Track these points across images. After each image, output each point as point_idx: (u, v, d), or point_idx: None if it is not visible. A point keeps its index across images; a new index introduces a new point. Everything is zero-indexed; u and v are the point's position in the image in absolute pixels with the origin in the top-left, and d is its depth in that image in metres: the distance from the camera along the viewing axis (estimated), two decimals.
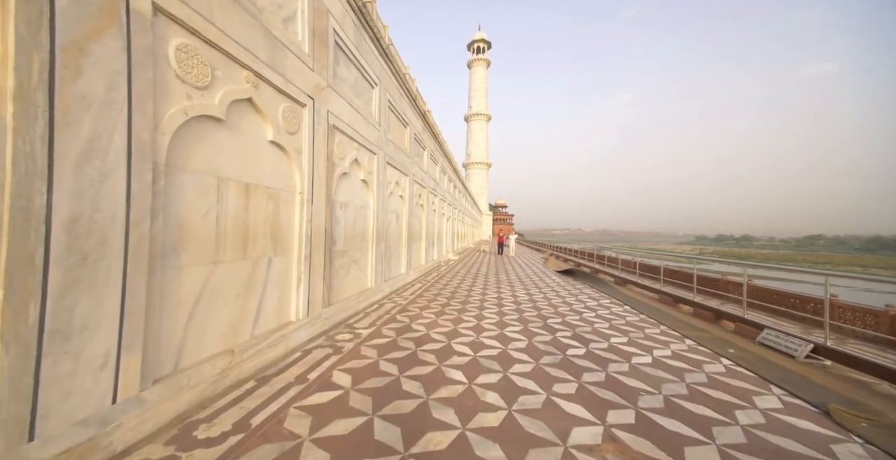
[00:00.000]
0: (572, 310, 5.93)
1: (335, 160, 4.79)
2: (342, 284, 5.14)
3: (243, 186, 3.02)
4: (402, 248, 8.65)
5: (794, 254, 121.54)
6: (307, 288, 3.96)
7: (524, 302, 6.55)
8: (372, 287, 6.27)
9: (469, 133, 62.12)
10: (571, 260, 15.52)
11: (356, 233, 5.67)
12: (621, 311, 5.91)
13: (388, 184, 7.33)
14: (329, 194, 4.53)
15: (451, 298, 6.72)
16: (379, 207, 6.63)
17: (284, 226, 3.64)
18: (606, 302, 6.72)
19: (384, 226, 7.01)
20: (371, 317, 5.07)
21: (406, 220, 8.87)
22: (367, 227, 6.23)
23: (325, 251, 4.41)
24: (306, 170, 3.94)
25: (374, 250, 6.40)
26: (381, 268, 6.82)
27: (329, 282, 4.59)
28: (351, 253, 5.45)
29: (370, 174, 6.18)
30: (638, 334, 4.52)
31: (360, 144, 5.63)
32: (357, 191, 5.71)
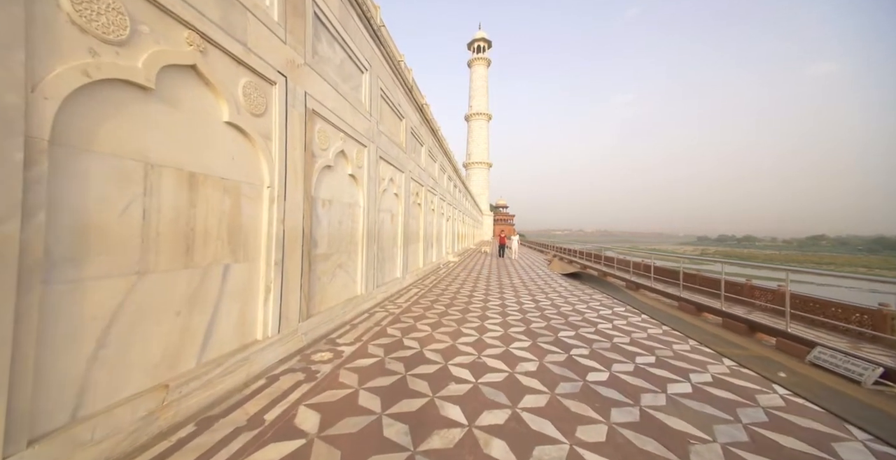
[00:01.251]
0: (585, 319, 5.30)
1: (316, 150, 4.18)
2: (325, 292, 4.53)
3: (186, 176, 2.41)
4: (397, 251, 8.03)
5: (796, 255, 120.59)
6: (278, 299, 3.35)
7: (530, 310, 5.93)
8: (362, 294, 5.66)
9: (469, 132, 61.54)
10: (577, 262, 14.89)
11: (343, 235, 5.06)
12: (639, 321, 5.29)
13: (380, 180, 6.72)
14: (308, 189, 3.92)
15: (449, 306, 6.10)
16: (370, 206, 6.02)
17: (247, 226, 3.03)
18: (621, 309, 6.09)
19: (376, 226, 6.40)
20: (358, 329, 4.46)
21: (402, 220, 8.26)
22: (357, 228, 5.62)
23: (304, 255, 3.80)
24: (277, 161, 3.33)
25: (365, 253, 5.78)
26: (373, 273, 6.21)
27: (308, 290, 3.97)
28: (336, 256, 4.84)
29: (360, 168, 5.57)
30: (665, 351, 3.89)
31: (348, 135, 5.02)
32: (344, 188, 5.11)
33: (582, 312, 5.81)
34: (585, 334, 4.49)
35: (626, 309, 6.16)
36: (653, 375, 3.21)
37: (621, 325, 4.99)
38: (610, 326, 4.91)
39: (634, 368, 3.36)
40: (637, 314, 5.75)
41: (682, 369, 3.37)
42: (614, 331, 4.70)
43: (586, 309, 6.11)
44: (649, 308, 6.25)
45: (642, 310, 5.95)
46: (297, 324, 3.70)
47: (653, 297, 7.46)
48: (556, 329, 4.71)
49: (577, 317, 5.49)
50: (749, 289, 6.70)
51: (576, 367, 3.34)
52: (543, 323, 5.04)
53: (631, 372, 3.25)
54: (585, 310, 5.95)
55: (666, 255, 8.66)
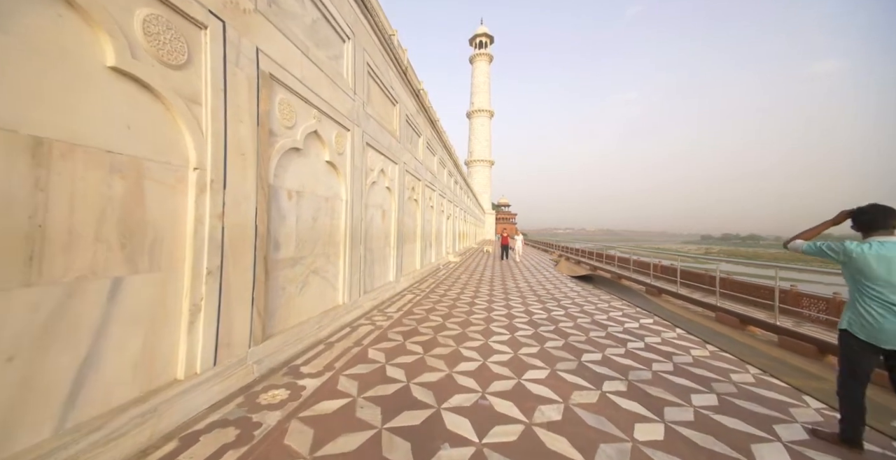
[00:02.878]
0: (609, 335, 4.42)
1: (276, 127, 3.30)
2: (293, 305, 3.66)
3: (23, 142, 1.54)
4: (389, 251, 7.16)
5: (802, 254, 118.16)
6: (214, 320, 2.49)
7: (542, 322, 5.04)
8: (344, 303, 4.79)
9: (471, 130, 60.58)
10: (585, 262, 13.99)
11: (319, 233, 4.19)
12: (675, 338, 4.40)
13: (368, 171, 5.84)
14: (264, 176, 3.05)
15: (448, 316, 5.23)
16: (355, 200, 5.14)
17: (158, 222, 2.16)
18: (648, 321, 5.20)
19: (363, 223, 5.53)
20: (334, 350, 3.59)
21: (395, 217, 7.38)
22: (338, 225, 4.75)
23: (257, 260, 2.94)
24: (210, 135, 2.46)
25: (349, 255, 4.91)
26: (360, 278, 5.34)
27: (265, 305, 3.11)
28: (309, 260, 3.97)
29: (340, 155, 4.69)
30: (725, 385, 3.00)
31: (324, 113, 4.14)
32: (319, 177, 4.23)
33: (603, 325, 4.92)
34: (615, 357, 3.61)
35: (653, 320, 5.27)
36: (723, 428, 2.32)
37: (656, 344, 4.10)
38: (642, 346, 4.02)
39: (695, 416, 2.47)
40: (670, 328, 4.85)
41: (762, 417, 2.48)
42: (649, 351, 3.81)
43: (607, 320, 5.22)
44: (681, 319, 5.35)
45: (675, 323, 5.05)
46: (247, 351, 2.84)
47: (679, 305, 6.56)
48: (577, 349, 3.82)
49: (599, 331, 4.60)
50: (794, 297, 5.79)
51: (614, 414, 2.46)
52: (560, 341, 4.16)
53: (691, 423, 2.37)
54: (607, 323, 5.06)
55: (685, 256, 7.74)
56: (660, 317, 5.44)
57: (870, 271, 2.02)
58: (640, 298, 7.11)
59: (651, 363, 3.47)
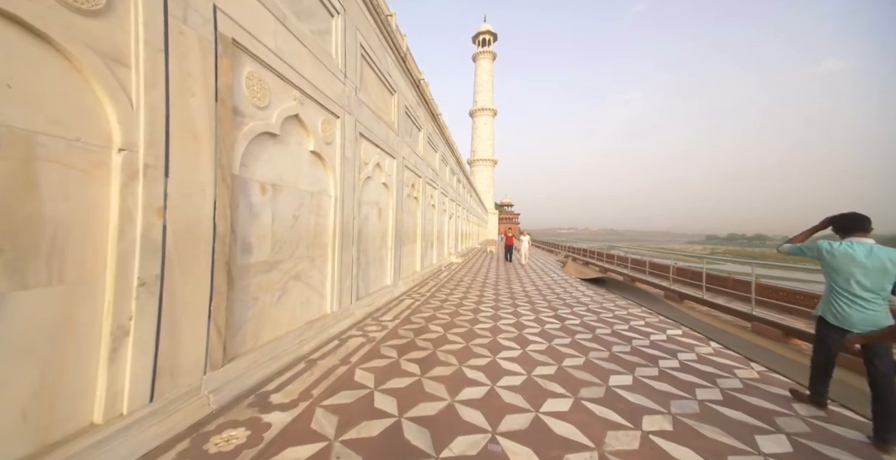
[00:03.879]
0: (636, 350, 3.84)
1: (242, 106, 2.76)
2: (267, 318, 3.12)
3: None
4: (386, 253, 6.62)
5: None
6: (151, 344, 1.96)
7: (556, 333, 4.48)
8: (333, 312, 4.25)
9: (474, 129, 59.99)
10: (594, 264, 13.38)
11: (301, 234, 3.65)
12: (711, 353, 3.82)
13: (362, 165, 5.30)
14: (226, 164, 2.51)
15: (449, 326, 4.67)
16: (346, 196, 4.60)
17: (62, 218, 1.62)
18: (676, 332, 4.62)
19: (356, 222, 4.99)
20: (315, 371, 3.05)
21: (393, 215, 6.84)
22: (326, 224, 4.21)
23: (217, 266, 2.40)
24: (142, 106, 1.92)
25: (339, 257, 4.37)
26: (351, 283, 4.80)
27: (227, 320, 2.56)
28: (289, 264, 3.43)
29: (328, 145, 4.15)
30: (792, 421, 2.42)
31: (306, 95, 3.60)
32: (302, 169, 3.69)
33: (626, 337, 4.34)
34: (648, 381, 3.04)
35: (682, 331, 4.68)
36: None
37: (692, 362, 3.52)
38: (677, 365, 3.44)
39: None
40: (703, 341, 4.26)
41: None
42: (687, 372, 3.24)
43: (629, 331, 4.64)
44: (713, 331, 4.76)
45: (708, 335, 4.47)
46: (200, 379, 2.30)
47: (705, 312, 5.97)
48: (601, 370, 3.26)
49: (623, 345, 4.02)
50: None
51: None
52: (579, 357, 3.59)
53: None
54: (630, 334, 4.48)
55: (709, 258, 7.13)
56: (688, 328, 4.86)
57: (836, 265, 2.39)
58: (660, 304, 6.52)
59: (693, 389, 2.90)
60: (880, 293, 2.30)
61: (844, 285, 2.37)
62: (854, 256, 2.33)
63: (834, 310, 2.42)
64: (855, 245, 2.36)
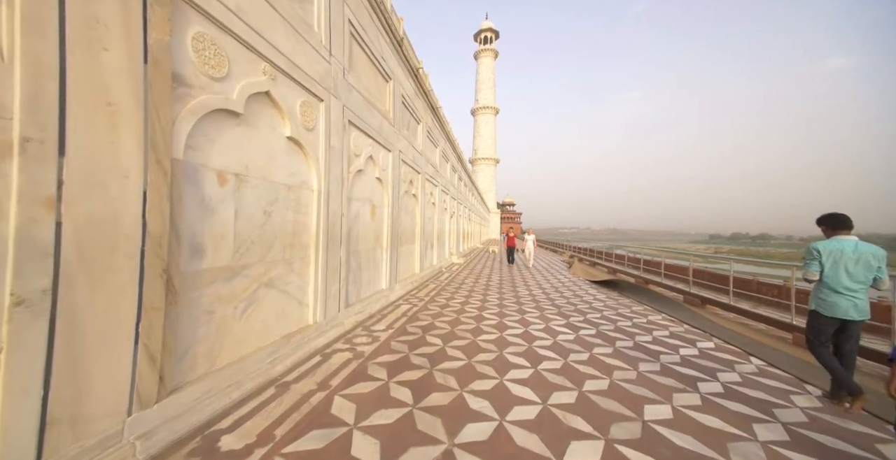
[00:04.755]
0: (667, 369, 3.28)
1: (187, 73, 2.22)
2: (227, 335, 2.58)
3: None
4: (381, 254, 6.08)
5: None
6: (38, 382, 1.43)
7: (571, 346, 3.92)
8: (316, 322, 3.72)
9: (476, 127, 59.42)
10: (602, 264, 12.80)
11: (275, 233, 3.11)
12: (755, 372, 3.26)
13: (352, 156, 4.76)
14: (161, 144, 1.96)
15: (449, 338, 4.13)
16: (333, 190, 4.07)
17: None
18: (707, 345, 4.06)
19: (345, 220, 4.45)
20: (285, 401, 2.51)
21: (389, 213, 6.30)
22: (307, 222, 3.68)
23: (149, 274, 1.87)
24: (17, 51, 1.38)
25: (323, 260, 3.84)
26: (339, 288, 4.27)
27: (165, 342, 2.02)
28: (259, 269, 2.90)
29: (310, 132, 3.61)
30: None
31: (280, 69, 3.06)
32: (277, 158, 3.15)
33: (652, 351, 3.78)
34: (689, 411, 2.48)
35: (714, 344, 4.12)
36: None
37: (736, 385, 2.96)
38: (720, 390, 2.88)
39: None
40: (742, 357, 3.70)
41: None
42: (734, 400, 2.68)
43: (654, 344, 4.08)
44: (750, 343, 4.20)
45: (745, 349, 3.90)
46: (123, 422, 1.76)
47: (732, 319, 5.40)
48: (632, 397, 2.70)
49: (651, 362, 3.47)
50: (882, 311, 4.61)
51: None
52: (603, 379, 3.04)
53: None
54: (656, 348, 3.92)
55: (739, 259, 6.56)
56: (720, 339, 4.29)
57: (831, 261, 2.66)
58: (680, 310, 5.96)
59: (749, 423, 2.34)
60: (865, 284, 2.59)
61: (836, 278, 2.63)
62: (844, 251, 2.63)
63: (828, 302, 2.68)
64: (843, 241, 2.68)
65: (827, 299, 2.68)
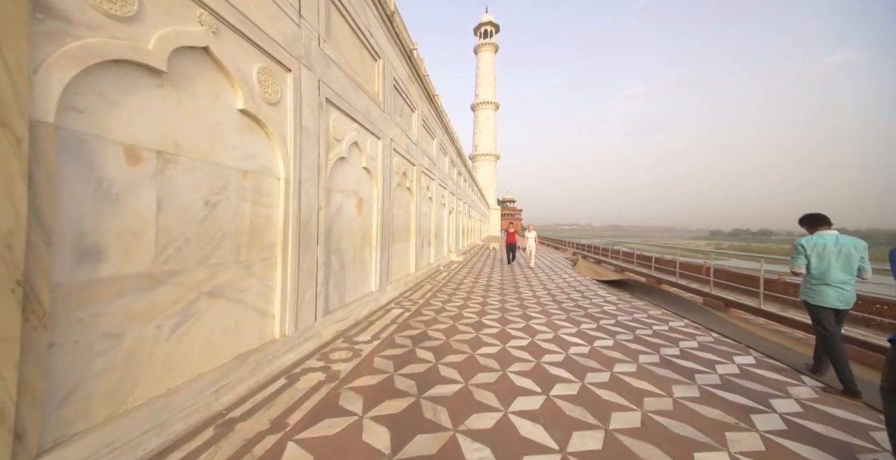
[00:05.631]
0: (707, 394, 2.67)
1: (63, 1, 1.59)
2: (146, 363, 1.97)
3: None
4: (370, 253, 5.47)
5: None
6: None
7: (586, 362, 3.32)
8: (285, 335, 3.12)
9: (476, 123, 58.56)
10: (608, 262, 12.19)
11: (223, 228, 2.49)
12: (814, 398, 2.65)
13: (332, 141, 4.13)
14: (9, 99, 1.34)
15: (443, 352, 3.52)
16: (307, 179, 3.45)
17: None
18: (746, 360, 3.45)
19: (324, 215, 3.83)
20: (217, 453, 1.90)
21: (378, 208, 5.68)
22: (272, 216, 3.06)
23: None
24: None
25: (293, 261, 3.23)
26: (316, 294, 3.66)
27: (27, 387, 1.41)
28: (197, 274, 2.28)
29: (273, 107, 2.98)
30: None
31: (224, 21, 2.42)
32: (226, 136, 2.52)
33: (685, 369, 3.17)
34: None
35: (753, 358, 3.51)
36: None
37: (797, 417, 2.35)
38: (781, 426, 2.27)
39: None
40: (791, 375, 3.08)
41: None
42: (798, 440, 2.07)
43: (682, 358, 3.47)
44: (793, 355, 3.59)
45: (791, 364, 3.29)
46: None
47: (763, 325, 4.80)
48: (672, 437, 2.09)
49: (685, 383, 2.86)
50: None
51: None
52: (633, 410, 2.43)
53: None
54: (687, 364, 3.31)
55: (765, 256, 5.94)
56: (759, 352, 3.68)
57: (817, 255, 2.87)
58: (704, 315, 5.35)
59: None
60: (852, 275, 2.75)
61: (824, 271, 2.82)
62: (826, 245, 2.83)
63: (816, 292, 2.86)
64: (825, 236, 2.89)
65: (815, 289, 2.90)
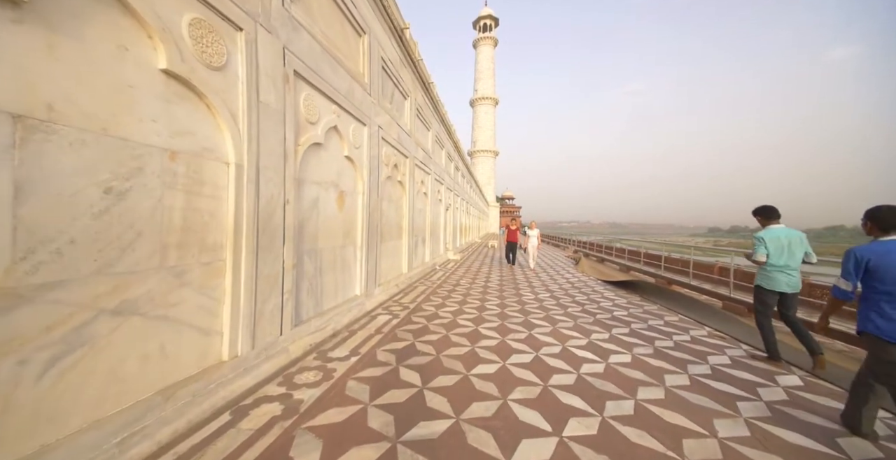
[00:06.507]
0: (755, 428, 2.11)
1: None
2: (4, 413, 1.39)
3: None
4: (354, 253, 4.89)
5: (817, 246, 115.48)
6: None
7: (604, 386, 2.75)
8: (237, 356, 2.55)
9: (475, 118, 57.79)
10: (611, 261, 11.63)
11: (136, 226, 1.90)
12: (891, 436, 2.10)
13: (302, 122, 3.52)
14: None
15: (433, 372, 2.94)
16: (267, 166, 2.86)
17: None
18: (793, 382, 2.89)
19: (291, 209, 3.24)
20: None
21: (365, 202, 5.09)
22: (217, 210, 2.46)
23: None
24: None
25: (248, 266, 2.66)
26: (284, 303, 3.08)
27: None
28: (92, 287, 1.69)
29: (217, 72, 2.38)
30: None
31: None
32: (139, 103, 1.92)
33: (723, 394, 2.61)
34: None
35: (800, 379, 2.94)
36: None
37: None
38: None
39: None
40: None
41: None
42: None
43: (714, 377, 2.91)
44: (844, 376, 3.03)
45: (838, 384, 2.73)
46: None
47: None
48: None
49: (732, 422, 2.29)
50: None
51: None
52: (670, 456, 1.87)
53: None
54: (724, 387, 2.74)
55: None
56: (806, 372, 3.13)
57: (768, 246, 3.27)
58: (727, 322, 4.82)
59: None
60: (798, 262, 3.28)
61: (776, 259, 3.26)
62: (779, 237, 3.28)
63: (769, 278, 3.32)
64: (776, 230, 3.34)
65: (769, 275, 3.31)
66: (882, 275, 1.95)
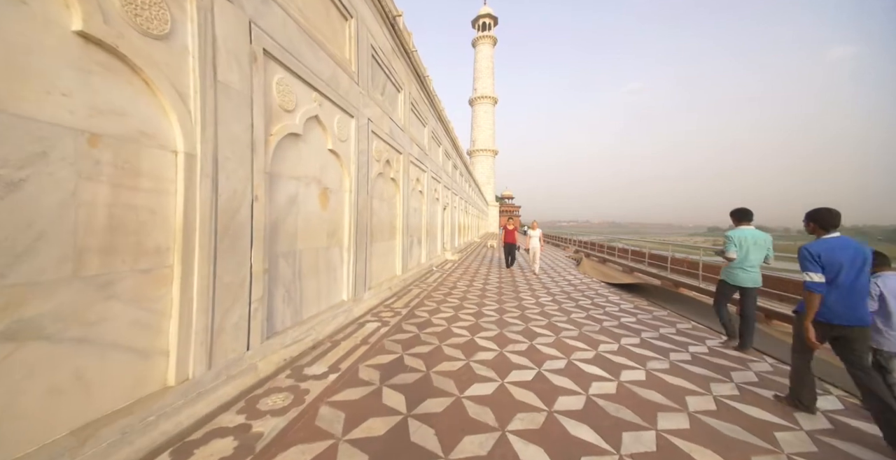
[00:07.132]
0: None
1: None
2: None
3: None
4: (340, 255, 4.49)
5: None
6: None
7: (617, 410, 2.36)
8: (188, 380, 2.15)
9: (474, 118, 57.38)
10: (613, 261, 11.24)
11: (35, 226, 1.50)
12: None
13: (275, 109, 3.13)
14: None
15: (420, 393, 2.55)
16: (227, 157, 2.46)
17: None
18: (835, 406, 2.51)
19: (261, 207, 2.84)
20: None
21: (353, 200, 4.69)
22: (159, 207, 2.06)
23: None
24: None
25: (205, 273, 2.27)
26: (253, 313, 2.69)
27: None
28: None
29: (159, 41, 1.98)
30: None
31: None
32: (41, 72, 1.52)
33: (757, 423, 2.23)
34: None
35: (839, 399, 2.56)
36: None
37: None
38: None
39: None
40: None
41: None
42: None
43: (742, 399, 2.52)
44: None
45: None
46: None
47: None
48: None
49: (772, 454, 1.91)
50: None
51: None
52: None
53: None
54: (760, 414, 2.36)
55: None
56: (844, 391, 2.74)
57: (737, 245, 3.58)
58: None
59: None
60: (760, 261, 3.59)
61: (743, 257, 3.56)
62: (747, 237, 3.57)
63: (733, 274, 3.63)
64: (745, 230, 3.63)
65: (734, 272, 3.63)
66: (828, 268, 2.26)
